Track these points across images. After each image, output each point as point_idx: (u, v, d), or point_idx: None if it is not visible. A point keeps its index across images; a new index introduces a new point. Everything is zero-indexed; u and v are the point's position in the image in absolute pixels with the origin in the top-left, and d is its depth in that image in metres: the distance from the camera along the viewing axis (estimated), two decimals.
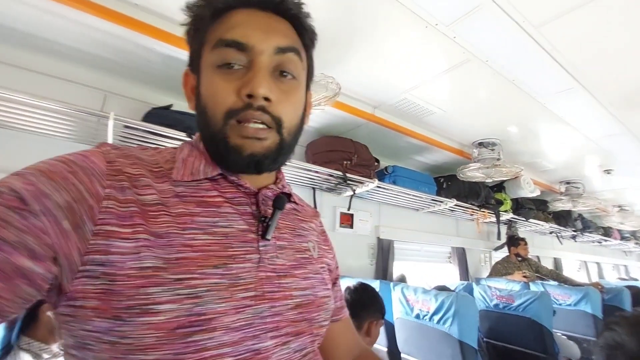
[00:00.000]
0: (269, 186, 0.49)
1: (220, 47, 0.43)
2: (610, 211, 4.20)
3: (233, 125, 0.42)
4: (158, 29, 1.18)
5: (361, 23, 1.23)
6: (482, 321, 2.06)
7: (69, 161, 0.38)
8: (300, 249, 0.52)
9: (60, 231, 0.34)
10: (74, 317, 0.36)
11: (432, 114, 1.93)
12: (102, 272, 0.35)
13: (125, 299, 0.35)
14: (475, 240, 3.21)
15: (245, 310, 0.40)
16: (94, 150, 0.41)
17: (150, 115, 1.42)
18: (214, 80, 0.43)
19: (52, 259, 0.33)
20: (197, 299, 0.37)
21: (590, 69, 1.46)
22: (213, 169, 0.45)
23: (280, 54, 0.44)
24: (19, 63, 1.32)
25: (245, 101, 0.42)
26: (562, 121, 1.95)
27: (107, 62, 1.39)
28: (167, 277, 0.36)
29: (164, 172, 0.44)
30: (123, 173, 0.40)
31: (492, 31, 1.25)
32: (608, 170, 2.84)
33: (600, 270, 5.33)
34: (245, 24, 0.44)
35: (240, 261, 0.42)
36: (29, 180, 0.34)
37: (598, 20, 1.18)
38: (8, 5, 1.06)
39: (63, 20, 1.12)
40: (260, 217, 0.46)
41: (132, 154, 0.43)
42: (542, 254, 3.96)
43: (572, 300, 2.40)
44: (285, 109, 0.44)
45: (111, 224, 0.36)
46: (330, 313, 0.53)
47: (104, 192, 0.37)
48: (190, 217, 0.41)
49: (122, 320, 0.34)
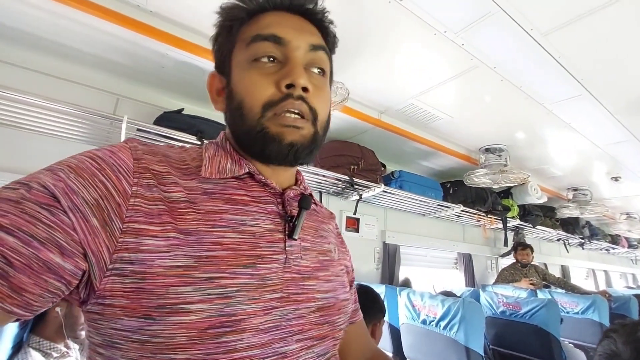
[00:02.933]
0: (292, 187, 0.49)
1: (257, 42, 0.44)
2: (618, 219, 4.16)
3: (271, 116, 0.43)
4: (172, 36, 1.21)
5: (370, 30, 1.25)
6: (489, 328, 2.04)
7: (97, 157, 0.38)
8: (323, 250, 0.52)
9: (88, 228, 0.34)
10: (102, 315, 0.36)
11: (439, 120, 1.93)
12: (132, 270, 0.35)
13: (155, 297, 0.35)
14: (482, 247, 3.19)
15: (272, 312, 0.40)
16: (122, 146, 0.41)
17: (162, 119, 1.44)
18: (250, 74, 0.44)
19: (81, 256, 0.34)
20: (228, 299, 0.37)
21: (597, 76, 1.46)
22: (240, 168, 0.45)
23: (313, 51, 0.46)
24: (36, 67, 1.35)
25: (284, 92, 0.43)
26: (570, 128, 1.95)
27: (121, 67, 1.42)
28: (198, 276, 0.36)
29: (191, 169, 0.44)
30: (150, 171, 0.40)
31: (501, 39, 1.26)
32: (616, 177, 2.82)
33: (608, 278, 5.27)
34: (280, 22, 0.46)
35: (267, 261, 0.42)
36: (59, 176, 0.34)
37: (605, 28, 1.19)
38: (26, 11, 1.09)
39: (79, 26, 1.15)
40: (286, 216, 0.46)
41: (158, 151, 0.44)
42: (549, 261, 3.93)
43: (579, 308, 2.38)
44: (318, 102, 0.45)
45: (140, 221, 0.36)
46: (348, 317, 0.53)
47: (132, 189, 0.37)
48: (219, 215, 0.41)
49: (153, 319, 0.34)
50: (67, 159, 0.38)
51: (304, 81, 0.42)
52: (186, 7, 1.16)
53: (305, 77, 0.43)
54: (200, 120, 1.47)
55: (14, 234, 0.31)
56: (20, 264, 0.31)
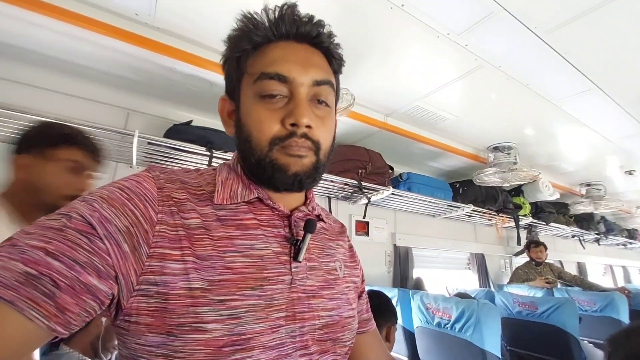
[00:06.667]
0: (300, 208, 0.52)
1: (264, 80, 0.46)
2: (634, 212, 4.07)
3: (278, 149, 0.46)
4: (179, 50, 1.24)
5: (374, 36, 1.26)
6: (505, 329, 2.01)
7: (125, 188, 0.41)
8: (328, 269, 0.54)
9: (120, 253, 0.37)
10: (128, 331, 0.39)
11: (446, 120, 1.93)
12: (156, 291, 0.38)
13: (176, 316, 0.38)
14: (495, 246, 3.15)
15: (279, 329, 0.43)
16: (145, 175, 0.44)
17: (172, 132, 1.47)
18: (258, 109, 0.47)
19: (113, 278, 0.37)
20: (238, 320, 0.40)
21: (605, 70, 1.45)
22: (250, 193, 0.48)
23: (316, 86, 0.48)
24: (47, 85, 1.40)
25: (289, 129, 0.45)
26: (579, 123, 1.92)
27: (130, 82, 1.46)
28: (211, 298, 0.39)
29: (206, 195, 0.47)
30: (172, 199, 0.43)
31: (504, 38, 1.26)
32: (630, 171, 2.77)
33: (626, 274, 5.13)
34: (285, 58, 0.47)
35: (274, 282, 0.44)
36: (94, 207, 0.38)
37: (611, 22, 1.17)
38: (37, 33, 1.14)
39: (89, 45, 1.19)
40: (292, 239, 0.49)
41: (177, 178, 0.47)
42: (564, 258, 3.85)
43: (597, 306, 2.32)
44: (322, 133, 0.48)
45: (164, 247, 0.40)
46: (354, 333, 0.55)
47: (157, 217, 0.41)
48: (230, 240, 0.44)
49: (174, 336, 0.37)
50: (98, 189, 0.41)
51: (306, 120, 0.45)
52: (192, 22, 1.19)
53: (308, 115, 0.45)
54: (209, 131, 1.50)
55: (59, 258, 0.34)
56: (65, 286, 0.34)
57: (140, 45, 1.18)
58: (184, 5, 1.12)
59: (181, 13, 1.15)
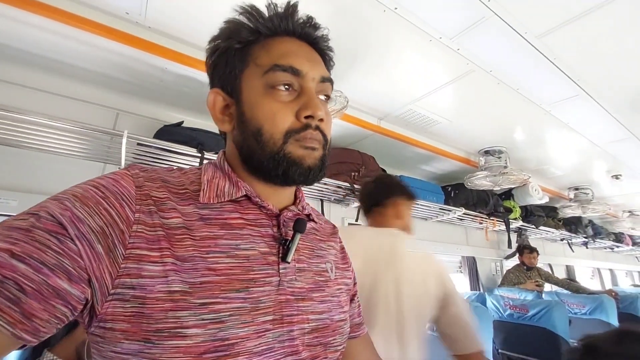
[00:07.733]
0: (289, 207, 0.50)
1: (277, 71, 0.45)
2: (621, 216, 4.15)
3: (293, 142, 0.45)
4: (171, 50, 1.22)
5: (367, 38, 1.26)
6: (497, 332, 2.02)
7: (100, 186, 0.39)
8: (319, 271, 0.52)
9: (93, 255, 0.35)
10: (104, 339, 0.36)
11: (438, 124, 1.94)
12: (133, 295, 0.36)
13: (154, 322, 0.36)
14: (486, 249, 3.17)
15: (266, 334, 0.41)
16: (124, 173, 0.42)
17: (162, 132, 1.45)
18: (268, 101, 0.45)
19: (86, 281, 0.34)
20: (221, 324, 0.38)
21: (593, 76, 1.47)
22: (237, 190, 0.46)
23: (323, 82, 0.49)
24: (35, 85, 1.37)
25: (304, 122, 0.45)
26: (568, 128, 1.95)
27: (120, 82, 1.43)
28: (192, 301, 0.37)
29: (189, 194, 0.45)
30: (151, 197, 0.41)
31: (495, 43, 1.27)
32: (616, 175, 2.82)
33: (613, 277, 5.23)
34: (296, 52, 0.48)
35: (261, 284, 0.42)
36: (65, 205, 0.36)
37: (599, 28, 1.20)
38: (27, 31, 1.11)
39: (78, 44, 1.17)
40: (281, 239, 0.47)
41: (158, 177, 0.44)
42: (553, 261, 3.90)
43: (587, 309, 2.36)
44: (327, 127, 0.49)
45: (141, 247, 0.37)
46: (346, 337, 0.53)
47: (134, 216, 0.38)
48: (214, 241, 0.42)
49: (152, 342, 0.35)
50: (72, 188, 0.39)
51: (322, 113, 0.45)
52: (183, 22, 1.17)
53: (322, 109, 0.46)
54: (200, 132, 1.48)
55: (25, 261, 0.32)
56: (32, 290, 0.31)
57: (130, 45, 1.16)
58: (175, 5, 1.10)
59: (172, 13, 1.13)
